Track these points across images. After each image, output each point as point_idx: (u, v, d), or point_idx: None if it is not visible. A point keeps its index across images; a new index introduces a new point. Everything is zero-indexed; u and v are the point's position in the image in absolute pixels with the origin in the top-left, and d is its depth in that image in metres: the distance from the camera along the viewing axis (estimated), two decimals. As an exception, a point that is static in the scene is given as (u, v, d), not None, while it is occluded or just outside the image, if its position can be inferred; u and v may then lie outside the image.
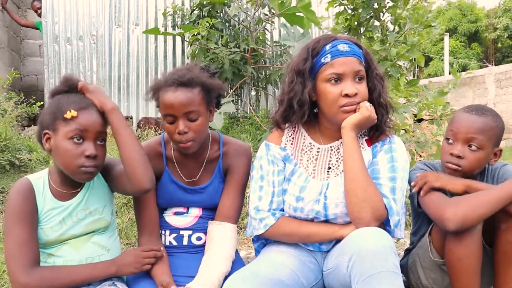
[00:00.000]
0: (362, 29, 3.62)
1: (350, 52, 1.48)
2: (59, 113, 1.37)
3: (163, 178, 1.66)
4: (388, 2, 3.54)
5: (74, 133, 1.36)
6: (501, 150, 1.60)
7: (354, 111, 1.48)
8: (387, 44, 3.29)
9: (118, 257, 1.47)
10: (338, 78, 1.47)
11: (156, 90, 1.55)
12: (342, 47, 1.48)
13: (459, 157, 1.55)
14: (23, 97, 4.92)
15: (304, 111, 1.54)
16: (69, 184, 1.46)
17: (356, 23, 3.58)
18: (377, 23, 3.69)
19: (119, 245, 1.58)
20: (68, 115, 1.36)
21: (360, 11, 3.51)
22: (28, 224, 1.36)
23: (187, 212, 1.67)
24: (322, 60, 1.49)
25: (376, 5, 3.51)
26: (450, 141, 1.59)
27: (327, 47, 1.50)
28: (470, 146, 1.55)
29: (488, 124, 1.54)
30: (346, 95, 1.46)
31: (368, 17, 3.57)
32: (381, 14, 3.60)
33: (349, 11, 3.66)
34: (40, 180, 1.44)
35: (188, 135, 1.51)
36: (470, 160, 1.55)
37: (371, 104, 1.51)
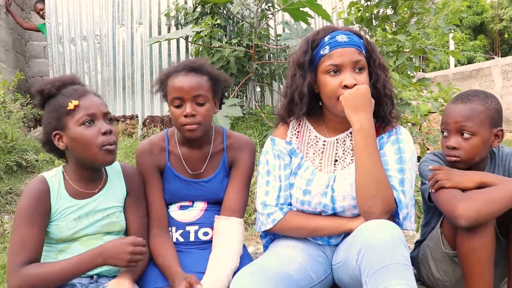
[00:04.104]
0: (374, 21, 3.58)
1: (349, 43, 1.46)
2: (61, 110, 1.40)
3: (165, 173, 1.66)
4: None
5: (84, 118, 1.39)
6: (502, 130, 1.57)
7: None
8: (406, 35, 3.25)
9: (104, 248, 1.36)
10: (337, 69, 1.46)
11: (165, 78, 1.59)
12: (341, 38, 1.47)
13: (454, 148, 1.55)
14: (29, 99, 4.94)
15: (306, 104, 1.53)
16: (88, 182, 1.48)
17: (368, 14, 3.55)
18: (390, 13, 3.65)
19: None
20: (70, 106, 1.39)
21: (373, 2, 3.48)
22: (35, 224, 1.36)
23: (192, 206, 1.67)
24: (321, 52, 1.48)
25: None
26: (445, 134, 1.60)
27: (326, 38, 1.49)
28: (462, 134, 1.54)
29: (474, 109, 1.53)
30: (345, 86, 1.44)
31: (385, 7, 3.53)
32: (397, 6, 3.57)
33: (363, 1, 3.64)
34: (55, 178, 1.45)
35: (196, 118, 1.54)
36: (466, 148, 1.54)
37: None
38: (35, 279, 1.30)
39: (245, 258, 1.60)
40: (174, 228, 1.64)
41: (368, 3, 3.56)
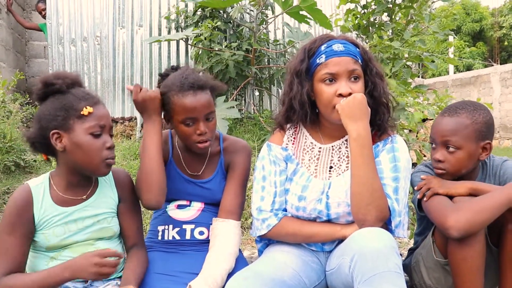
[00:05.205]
0: (371, 28, 3.60)
1: (345, 52, 1.48)
2: (72, 111, 1.37)
3: (167, 167, 1.69)
4: (404, 0, 3.52)
5: (95, 129, 1.38)
6: (489, 143, 1.57)
7: None
8: (402, 42, 3.28)
9: (73, 260, 1.34)
10: (333, 78, 1.48)
11: (168, 95, 1.56)
12: (337, 47, 1.49)
13: (440, 161, 1.57)
14: (28, 99, 4.95)
15: (306, 111, 1.55)
16: (76, 188, 1.46)
17: (365, 21, 3.58)
18: (387, 20, 3.67)
19: (122, 251, 1.56)
20: (85, 111, 1.37)
21: (370, 9, 3.51)
22: (16, 235, 1.35)
23: (189, 205, 1.70)
24: (318, 61, 1.50)
25: (390, 5, 3.51)
26: (433, 145, 1.62)
27: (322, 47, 1.50)
28: (448, 148, 1.56)
29: (460, 123, 1.55)
30: (340, 95, 1.46)
31: (379, 14, 3.55)
32: (393, 13, 3.60)
33: (359, 9, 3.66)
34: (40, 186, 1.43)
35: (207, 134, 1.57)
36: (451, 162, 1.56)
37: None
38: None
39: (241, 262, 1.62)
40: (171, 226, 1.67)
41: (365, 10, 3.58)
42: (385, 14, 3.66)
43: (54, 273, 1.33)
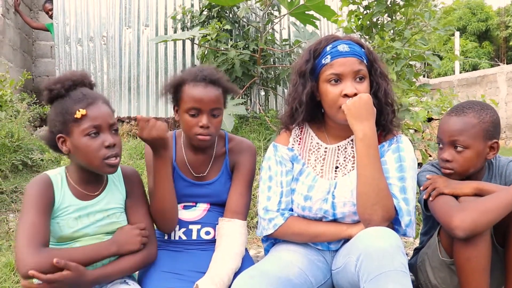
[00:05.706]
0: (374, 29, 3.60)
1: (350, 52, 1.49)
2: (68, 116, 1.39)
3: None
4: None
5: (89, 130, 1.39)
6: (497, 142, 1.58)
7: None
8: (403, 42, 3.27)
9: (116, 236, 1.47)
10: (338, 79, 1.49)
11: (181, 84, 1.61)
12: (342, 47, 1.50)
13: (448, 161, 1.57)
14: (35, 98, 4.98)
15: (303, 111, 1.57)
16: (88, 184, 1.49)
17: (368, 22, 3.57)
18: (388, 20, 3.67)
19: None
20: (78, 114, 1.38)
21: (372, 10, 3.50)
22: (42, 211, 1.36)
23: (195, 206, 1.71)
24: (323, 61, 1.51)
25: (389, 4, 3.50)
26: (440, 145, 1.62)
27: (328, 48, 1.52)
28: (456, 147, 1.56)
29: (467, 122, 1.55)
30: (346, 95, 1.47)
31: (381, 14, 3.55)
32: (393, 14, 3.59)
33: (362, 9, 3.66)
34: (58, 176, 1.46)
35: (209, 129, 1.59)
36: (459, 161, 1.56)
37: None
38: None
39: (247, 261, 1.63)
40: (177, 227, 1.68)
41: (368, 11, 3.58)
42: (387, 14, 3.65)
43: (101, 247, 1.41)
